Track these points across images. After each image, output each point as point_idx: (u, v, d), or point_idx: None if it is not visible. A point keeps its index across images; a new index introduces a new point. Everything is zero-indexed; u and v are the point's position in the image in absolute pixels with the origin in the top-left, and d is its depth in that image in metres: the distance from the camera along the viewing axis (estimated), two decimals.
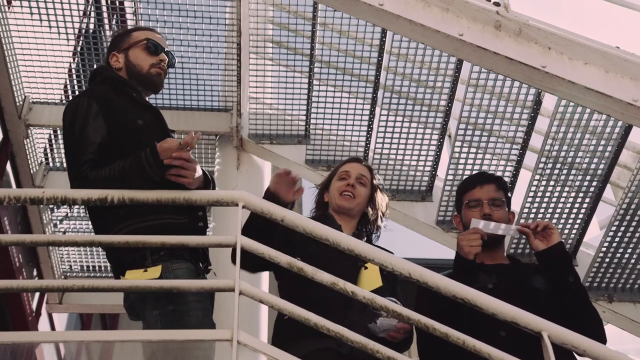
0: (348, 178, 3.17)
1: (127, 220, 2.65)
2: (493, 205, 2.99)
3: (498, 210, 2.99)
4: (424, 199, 5.32)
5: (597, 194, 4.76)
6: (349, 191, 3.13)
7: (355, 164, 3.25)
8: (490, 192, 3.03)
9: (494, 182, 3.09)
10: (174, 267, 2.61)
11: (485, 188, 3.05)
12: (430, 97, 4.95)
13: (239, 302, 2.32)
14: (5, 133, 5.32)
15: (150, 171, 2.57)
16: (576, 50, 3.70)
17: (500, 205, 3.01)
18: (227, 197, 2.65)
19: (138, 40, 2.99)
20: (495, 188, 3.06)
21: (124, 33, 3.08)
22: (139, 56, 2.97)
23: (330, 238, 2.58)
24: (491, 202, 3.00)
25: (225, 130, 5.55)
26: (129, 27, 3.22)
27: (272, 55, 5.44)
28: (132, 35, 3.03)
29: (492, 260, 2.99)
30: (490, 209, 2.98)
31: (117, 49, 3.01)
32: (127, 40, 3.00)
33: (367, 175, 3.22)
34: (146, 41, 2.98)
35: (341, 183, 3.16)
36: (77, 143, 2.69)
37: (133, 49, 2.98)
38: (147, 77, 2.96)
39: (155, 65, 2.97)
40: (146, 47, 2.98)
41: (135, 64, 2.96)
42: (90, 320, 8.04)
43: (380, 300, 2.44)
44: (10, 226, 5.41)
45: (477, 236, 2.79)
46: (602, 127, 4.40)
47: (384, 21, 4.06)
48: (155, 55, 2.98)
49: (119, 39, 3.04)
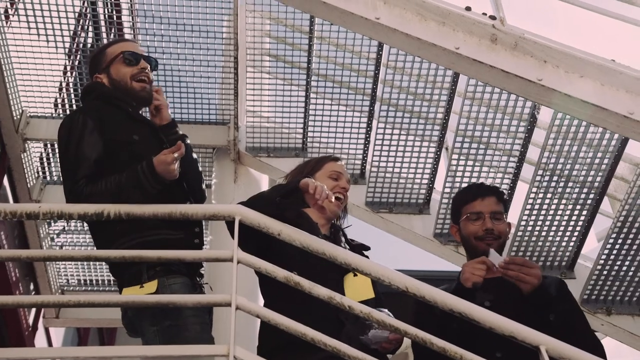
0: (340, 179, 3.08)
1: (123, 236, 2.65)
2: (494, 219, 2.95)
3: (499, 224, 2.96)
4: (422, 211, 5.32)
5: (595, 206, 4.76)
6: (343, 194, 3.09)
7: (340, 163, 3.16)
8: (492, 205, 2.99)
9: (495, 195, 3.05)
10: (169, 282, 2.61)
11: (487, 201, 3.00)
12: (427, 110, 4.96)
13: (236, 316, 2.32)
14: (3, 147, 5.32)
15: (147, 184, 2.58)
16: (572, 63, 3.71)
17: (500, 218, 2.97)
18: (224, 211, 2.65)
19: (114, 56, 2.95)
20: (496, 201, 3.02)
21: (99, 52, 3.04)
22: (120, 71, 2.94)
23: (326, 252, 2.58)
24: (492, 215, 2.96)
25: (222, 144, 5.55)
26: (102, 46, 3.18)
27: (269, 68, 5.45)
28: (107, 52, 2.99)
29: (492, 272, 2.97)
30: (492, 223, 2.94)
31: (98, 70, 2.98)
32: (104, 59, 2.97)
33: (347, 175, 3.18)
34: (122, 54, 2.95)
35: (333, 184, 3.04)
36: (73, 159, 2.70)
37: (113, 66, 2.95)
38: (132, 91, 2.93)
39: (137, 76, 2.93)
40: (124, 60, 2.94)
41: (118, 79, 2.93)
42: (88, 334, 8.01)
43: (377, 315, 2.44)
44: (7, 240, 5.40)
45: (483, 266, 2.73)
46: (598, 139, 4.41)
47: (380, 35, 4.07)
48: (135, 65, 2.94)
49: (96, 60, 3.01)
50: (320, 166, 3.10)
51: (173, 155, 2.58)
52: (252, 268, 2.57)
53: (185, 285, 2.64)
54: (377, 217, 5.31)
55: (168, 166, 2.58)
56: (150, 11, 5.10)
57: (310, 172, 3.04)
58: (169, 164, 2.57)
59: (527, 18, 4.11)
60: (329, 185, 2.92)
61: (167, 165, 2.58)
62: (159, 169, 2.58)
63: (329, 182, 3.01)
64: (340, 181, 3.07)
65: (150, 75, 2.98)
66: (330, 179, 3.05)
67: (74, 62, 5.53)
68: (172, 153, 2.59)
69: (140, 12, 5.34)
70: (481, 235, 2.92)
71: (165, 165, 2.58)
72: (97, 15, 5.46)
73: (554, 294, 2.84)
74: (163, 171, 2.59)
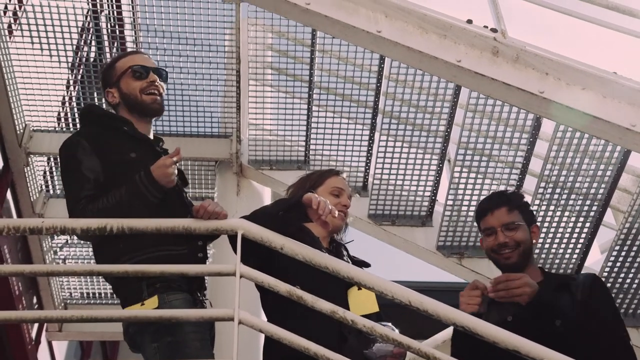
0: (341, 196, 3.05)
1: (126, 254, 2.65)
2: (507, 230, 2.88)
3: (514, 233, 2.88)
4: (424, 224, 5.31)
5: (598, 218, 4.75)
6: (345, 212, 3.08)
7: (342, 178, 3.12)
8: (502, 217, 2.92)
9: (505, 205, 2.96)
10: (170, 298, 2.61)
11: (496, 214, 2.93)
12: (429, 122, 4.96)
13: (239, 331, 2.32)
14: (6, 161, 5.33)
15: (147, 192, 2.61)
16: (574, 75, 3.71)
17: (514, 228, 2.89)
18: (227, 225, 2.66)
19: (123, 70, 2.96)
20: (507, 211, 2.93)
21: (109, 67, 3.06)
22: (130, 85, 2.94)
23: (329, 266, 2.58)
24: (504, 227, 2.89)
25: (225, 157, 5.56)
26: (111, 59, 3.19)
27: (271, 81, 5.47)
28: (116, 66, 3.00)
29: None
30: (505, 235, 2.88)
31: (110, 85, 2.99)
32: (114, 74, 2.98)
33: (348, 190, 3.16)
34: (130, 69, 2.95)
35: (335, 201, 3.00)
36: (74, 182, 2.72)
37: (122, 80, 2.95)
38: (142, 104, 2.93)
39: (147, 90, 2.93)
40: (133, 74, 2.95)
41: (129, 93, 2.93)
42: (91, 347, 7.99)
43: (380, 329, 2.44)
44: (10, 254, 5.40)
45: (477, 293, 2.72)
46: (601, 151, 4.41)
47: (382, 48, 4.08)
48: (145, 78, 2.95)
49: (106, 75, 3.03)
50: (322, 181, 3.06)
51: (171, 160, 2.61)
52: (255, 282, 2.57)
53: (186, 302, 2.64)
54: (379, 230, 5.31)
55: (166, 169, 2.60)
56: (153, 25, 5.13)
57: (312, 186, 3.00)
58: (167, 166, 2.60)
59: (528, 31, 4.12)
60: (330, 202, 2.85)
61: (166, 169, 2.59)
62: (156, 173, 2.61)
63: (330, 198, 2.96)
64: (341, 198, 3.03)
65: (160, 86, 2.97)
66: (332, 196, 3.01)
67: (77, 76, 5.55)
68: (170, 158, 2.61)
69: (142, 27, 5.37)
70: (496, 250, 2.88)
71: (163, 169, 2.60)
72: (100, 29, 5.49)
73: (579, 298, 2.76)
74: (160, 175, 2.61)
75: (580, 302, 2.77)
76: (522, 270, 2.83)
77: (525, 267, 2.88)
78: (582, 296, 2.79)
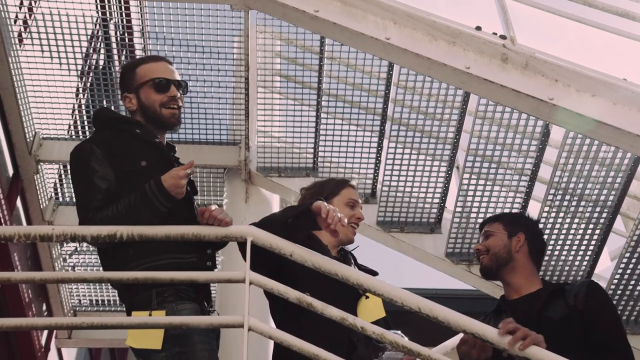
0: (355, 208, 3.09)
1: (135, 260, 2.65)
2: (484, 238, 3.12)
3: (486, 240, 3.10)
4: (433, 231, 5.30)
5: (608, 225, 4.73)
6: (357, 224, 3.10)
7: (355, 190, 3.17)
8: (485, 229, 3.17)
9: (491, 220, 3.21)
10: (179, 308, 2.60)
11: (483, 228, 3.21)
12: (438, 129, 4.95)
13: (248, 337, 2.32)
14: (16, 169, 5.36)
15: (156, 201, 2.60)
16: (583, 82, 3.70)
17: (488, 236, 3.11)
18: (236, 232, 2.66)
19: (146, 80, 2.89)
20: (489, 224, 3.17)
21: (129, 69, 2.98)
22: (150, 96, 2.88)
23: (339, 273, 2.58)
24: (483, 237, 3.14)
25: (233, 164, 5.57)
26: (133, 61, 3.12)
27: (280, 88, 5.47)
28: (137, 72, 2.93)
29: (517, 293, 3.01)
30: (481, 243, 3.12)
31: (128, 89, 2.93)
32: (134, 79, 2.92)
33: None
34: (152, 81, 2.89)
35: (350, 212, 3.05)
36: (85, 191, 2.70)
37: (143, 90, 2.89)
38: (160, 118, 2.89)
39: (167, 104, 2.88)
40: (154, 86, 2.88)
41: (148, 105, 2.88)
42: (100, 354, 8.00)
43: (390, 336, 2.43)
44: (20, 261, 5.42)
45: (468, 347, 2.71)
46: (611, 158, 4.39)
47: (390, 55, 4.09)
48: (166, 92, 2.89)
49: (127, 77, 2.96)
50: (338, 191, 3.10)
51: (184, 172, 2.60)
52: (265, 289, 2.57)
53: (194, 312, 2.63)
54: (388, 237, 5.30)
55: (177, 181, 2.59)
56: (162, 33, 5.15)
57: (328, 196, 3.03)
58: (180, 177, 2.59)
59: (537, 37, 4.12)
60: (345, 213, 2.94)
61: (178, 180, 2.58)
62: (167, 183, 2.59)
63: (345, 209, 3.02)
64: (355, 210, 3.08)
65: (180, 101, 2.93)
66: (347, 207, 3.06)
67: (86, 83, 5.58)
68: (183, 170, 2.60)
69: (152, 34, 5.39)
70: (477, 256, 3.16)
71: (176, 179, 2.59)
72: (109, 37, 5.51)
73: (571, 303, 2.84)
74: (171, 186, 2.60)
75: (574, 308, 2.84)
76: (496, 274, 3.06)
77: (498, 271, 3.05)
78: (576, 302, 2.85)
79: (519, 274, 3.03)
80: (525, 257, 3.05)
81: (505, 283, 3.05)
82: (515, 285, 3.01)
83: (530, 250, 3.07)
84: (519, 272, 3.03)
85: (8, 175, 5.37)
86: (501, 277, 3.05)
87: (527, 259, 3.05)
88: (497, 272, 3.05)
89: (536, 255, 3.11)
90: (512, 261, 3.03)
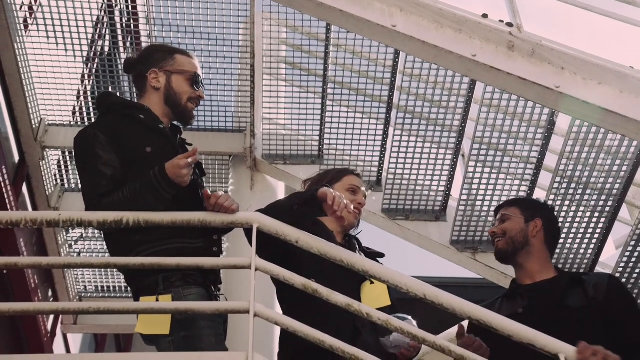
0: (357, 194, 3.11)
1: (141, 245, 2.65)
2: (500, 222, 3.12)
3: (503, 224, 3.11)
4: (438, 218, 5.30)
5: (613, 214, 4.72)
6: (359, 209, 3.11)
7: (357, 178, 3.19)
8: (501, 212, 3.17)
9: (507, 204, 3.21)
10: (185, 293, 2.61)
11: (499, 211, 3.20)
12: (444, 117, 4.95)
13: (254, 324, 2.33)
14: (22, 155, 5.37)
15: (160, 188, 2.60)
16: (590, 70, 3.69)
17: (505, 219, 3.11)
18: (242, 218, 2.66)
19: (184, 70, 2.92)
20: (506, 208, 3.17)
21: (166, 51, 3.00)
22: (182, 87, 2.91)
23: (344, 259, 2.58)
24: (499, 221, 3.13)
25: (238, 151, 5.57)
26: (169, 45, 3.11)
27: (285, 76, 5.47)
28: (176, 58, 2.95)
29: (531, 278, 3.00)
30: (496, 226, 3.12)
31: (159, 67, 2.92)
32: (170, 63, 2.93)
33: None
34: (193, 75, 2.93)
35: (351, 197, 3.06)
36: (90, 177, 2.70)
37: (177, 76, 2.91)
38: (184, 110, 2.92)
39: (193, 100, 2.93)
40: (190, 80, 2.92)
41: (177, 92, 2.90)
42: (105, 340, 8.04)
43: (396, 322, 2.44)
44: (26, 247, 5.44)
45: (469, 340, 2.70)
46: (617, 146, 4.38)
47: (397, 42, 4.07)
48: (197, 90, 2.94)
49: (161, 57, 2.95)
50: (340, 178, 3.13)
51: (186, 160, 2.59)
52: (270, 275, 2.58)
53: (200, 297, 2.64)
54: (393, 224, 5.30)
55: (180, 170, 2.58)
56: (167, 19, 5.14)
57: (329, 182, 3.04)
58: (181, 167, 2.58)
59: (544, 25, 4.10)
60: (346, 198, 2.89)
61: (179, 169, 2.58)
62: (170, 172, 2.59)
63: (347, 195, 3.04)
64: (357, 196, 3.10)
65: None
66: (348, 192, 3.08)
67: (91, 69, 5.58)
68: (186, 158, 2.59)
69: (157, 21, 5.38)
70: (492, 239, 3.16)
71: (177, 169, 2.58)
72: (114, 23, 5.50)
73: (592, 294, 2.84)
74: (173, 174, 2.59)
75: (594, 299, 2.83)
76: (511, 258, 3.06)
77: (514, 255, 3.05)
78: (596, 293, 2.84)
79: (534, 259, 3.02)
80: (541, 243, 3.05)
81: (520, 267, 3.04)
82: (529, 271, 3.01)
83: (546, 236, 3.07)
84: (535, 257, 3.03)
85: (14, 161, 5.38)
86: (516, 261, 3.05)
87: (542, 244, 3.05)
88: (512, 256, 3.04)
89: (551, 242, 3.11)
90: (528, 246, 3.03)
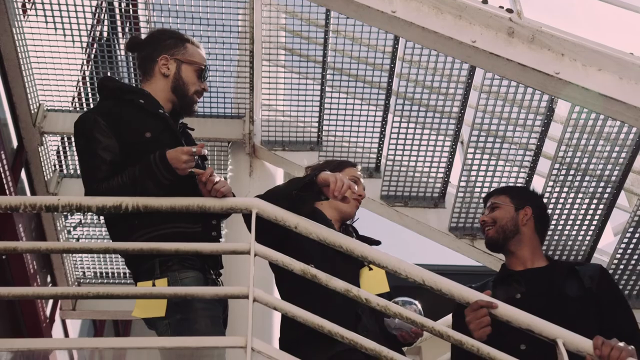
0: (357, 185, 3.11)
1: (141, 229, 2.66)
2: (489, 210, 3.15)
3: (492, 212, 3.14)
4: (437, 205, 5.31)
5: (611, 201, 4.73)
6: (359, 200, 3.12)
7: (357, 170, 3.20)
8: (490, 201, 3.20)
9: (497, 193, 3.24)
10: (181, 276, 2.62)
11: (488, 200, 3.23)
12: (443, 104, 4.94)
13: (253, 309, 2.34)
14: (20, 141, 5.36)
15: (159, 174, 2.60)
16: (590, 56, 3.69)
17: (494, 208, 3.14)
18: (241, 204, 2.67)
19: (194, 62, 2.95)
20: (495, 196, 3.19)
21: (178, 38, 3.01)
22: (190, 77, 2.94)
23: (343, 245, 2.59)
24: (489, 209, 3.17)
25: (237, 137, 5.56)
26: (181, 34, 3.11)
27: (284, 62, 5.45)
28: (187, 48, 2.97)
29: (522, 265, 3.02)
30: (486, 215, 3.15)
31: (170, 54, 2.95)
32: (182, 51, 2.95)
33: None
34: (201, 67, 2.95)
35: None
36: (90, 162, 2.71)
37: (187, 66, 2.94)
38: (190, 101, 2.95)
39: (199, 93, 2.97)
40: (199, 72, 2.96)
41: (185, 82, 2.93)
42: (103, 326, 8.07)
43: (395, 308, 2.45)
44: (24, 233, 5.44)
45: (483, 312, 2.50)
46: (616, 133, 4.38)
47: (396, 28, 4.06)
48: (203, 82, 2.98)
49: (172, 43, 2.98)
50: (341, 169, 3.13)
51: (190, 149, 2.59)
52: (269, 260, 2.58)
53: (196, 280, 2.65)
54: (392, 211, 5.31)
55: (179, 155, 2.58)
56: (166, 5, 5.11)
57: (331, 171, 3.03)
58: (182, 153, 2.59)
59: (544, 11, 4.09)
60: None
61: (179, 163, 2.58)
62: (169, 156, 2.59)
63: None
64: (357, 187, 3.08)
65: None
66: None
67: (90, 55, 5.56)
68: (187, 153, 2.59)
69: (156, 6, 5.36)
70: (482, 228, 3.19)
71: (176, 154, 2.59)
72: (113, 8, 5.48)
73: (587, 284, 2.86)
74: (172, 159, 2.59)
75: (590, 290, 2.85)
76: (502, 246, 3.07)
77: (505, 243, 3.06)
78: (592, 284, 2.87)
79: (525, 247, 3.05)
80: (531, 231, 3.07)
81: (511, 254, 3.06)
82: (521, 257, 3.03)
83: (537, 224, 3.09)
84: (526, 245, 3.05)
85: (12, 147, 5.38)
86: (507, 249, 3.07)
87: (532, 232, 3.07)
88: (503, 244, 3.07)
89: (541, 230, 3.13)
90: (519, 234, 3.06)
